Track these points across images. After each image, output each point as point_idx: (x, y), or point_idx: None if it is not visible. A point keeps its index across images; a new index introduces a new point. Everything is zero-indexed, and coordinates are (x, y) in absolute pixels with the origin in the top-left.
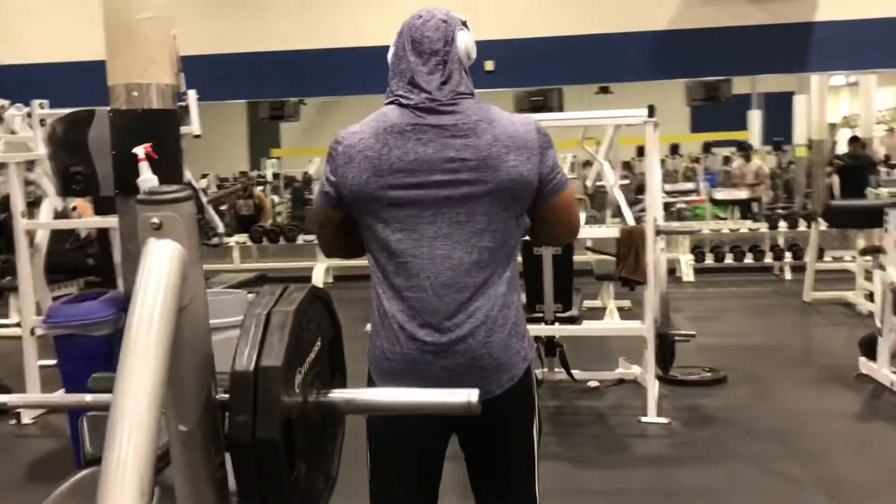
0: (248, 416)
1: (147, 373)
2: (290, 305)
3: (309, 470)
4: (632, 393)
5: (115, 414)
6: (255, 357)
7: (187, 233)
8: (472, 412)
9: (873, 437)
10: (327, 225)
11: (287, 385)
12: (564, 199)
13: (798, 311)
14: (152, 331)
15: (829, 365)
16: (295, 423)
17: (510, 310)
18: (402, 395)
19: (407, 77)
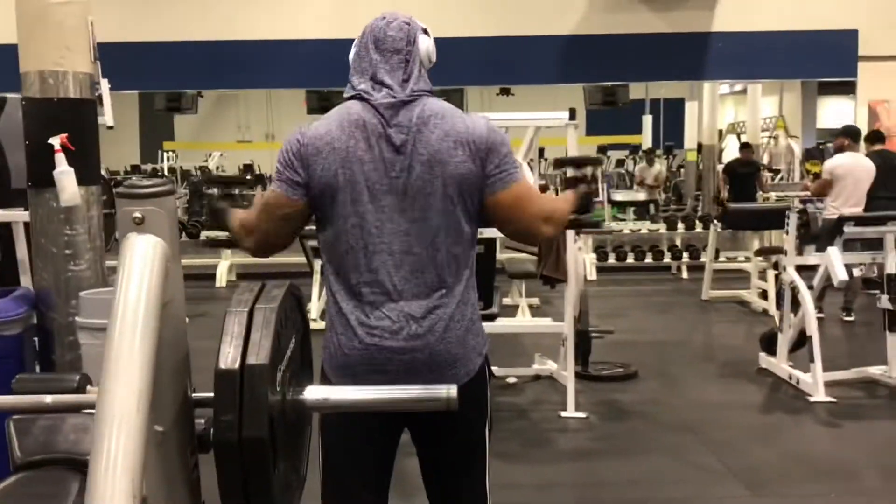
0: (233, 414)
1: (134, 372)
2: (272, 302)
3: (286, 468)
4: (549, 388)
5: (102, 415)
6: (241, 355)
7: (170, 228)
8: (451, 408)
9: (777, 427)
10: (293, 218)
11: (270, 383)
12: (510, 195)
13: (697, 308)
14: (137, 329)
15: (731, 360)
16: (276, 421)
17: (467, 306)
18: (379, 393)
19: (369, 73)
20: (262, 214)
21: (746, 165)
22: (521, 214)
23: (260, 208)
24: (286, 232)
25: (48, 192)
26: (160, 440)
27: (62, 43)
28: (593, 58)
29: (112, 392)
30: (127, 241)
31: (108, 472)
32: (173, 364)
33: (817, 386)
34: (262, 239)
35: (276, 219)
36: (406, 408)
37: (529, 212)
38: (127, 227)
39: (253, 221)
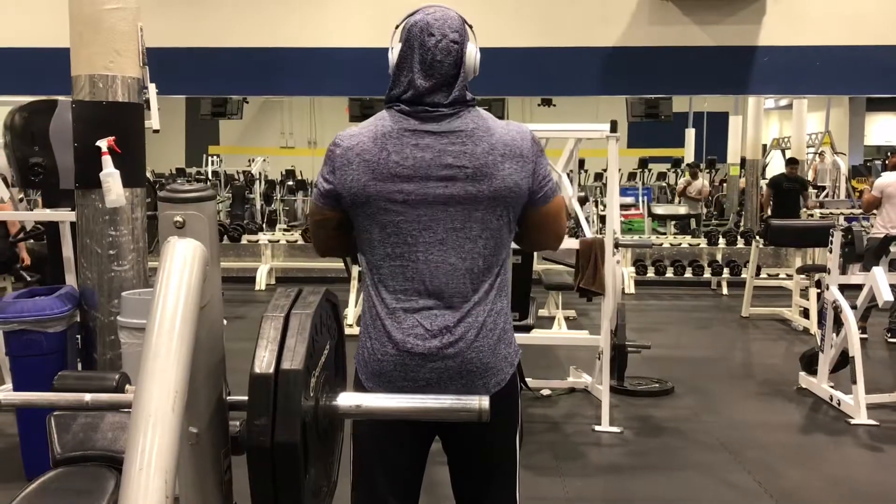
0: (267, 419)
1: (170, 373)
2: (308, 308)
3: (317, 474)
4: (583, 402)
5: (138, 414)
6: (276, 360)
7: (209, 232)
8: (483, 419)
9: (816, 448)
10: (325, 226)
11: (304, 388)
12: (553, 207)
13: (737, 325)
14: (175, 330)
15: (770, 378)
16: (308, 426)
17: (500, 316)
18: (412, 401)
19: (411, 93)
20: (309, 219)
21: (792, 181)
22: (557, 225)
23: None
24: (328, 236)
25: (94, 194)
26: (194, 441)
27: (112, 47)
28: (636, 70)
29: (148, 392)
30: (168, 244)
31: (142, 471)
32: (209, 366)
33: (859, 408)
34: (315, 242)
35: (315, 225)
36: (438, 417)
37: (562, 222)
38: (168, 230)
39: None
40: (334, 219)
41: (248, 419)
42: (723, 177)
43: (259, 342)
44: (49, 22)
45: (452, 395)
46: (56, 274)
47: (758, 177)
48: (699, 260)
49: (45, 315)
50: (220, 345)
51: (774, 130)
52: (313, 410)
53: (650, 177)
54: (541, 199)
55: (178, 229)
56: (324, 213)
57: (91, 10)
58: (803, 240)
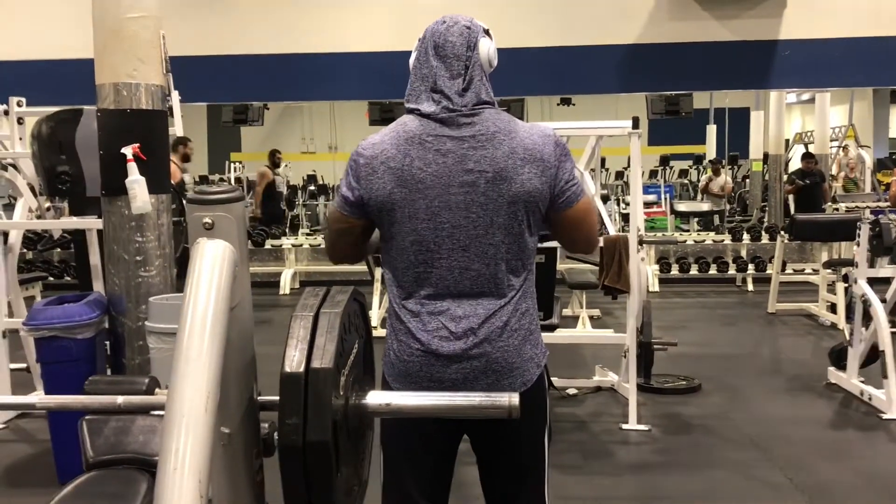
0: (298, 418)
1: (202, 373)
2: (337, 307)
3: (348, 473)
4: (609, 400)
5: (171, 415)
6: (306, 359)
7: (238, 233)
8: (513, 415)
9: (848, 444)
10: (347, 233)
11: (334, 387)
12: (577, 211)
13: (763, 321)
14: (206, 331)
15: (798, 374)
16: (339, 425)
17: (525, 316)
18: (441, 399)
19: (430, 82)
20: (327, 227)
21: (811, 176)
22: (588, 227)
23: (327, 221)
24: (347, 244)
25: (120, 201)
26: (226, 441)
27: (135, 56)
28: (656, 67)
29: (181, 393)
30: (197, 245)
31: (176, 472)
32: (240, 366)
33: (891, 403)
34: (331, 249)
35: (335, 233)
36: (468, 415)
37: (592, 223)
38: (197, 232)
39: (325, 232)
40: (359, 227)
41: (280, 418)
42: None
43: (289, 341)
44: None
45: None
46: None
47: (780, 172)
48: (723, 256)
49: (75, 322)
50: (250, 345)
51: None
52: (343, 409)
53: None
54: (564, 202)
55: (207, 231)
56: (349, 221)
57: (114, 20)
58: (829, 234)
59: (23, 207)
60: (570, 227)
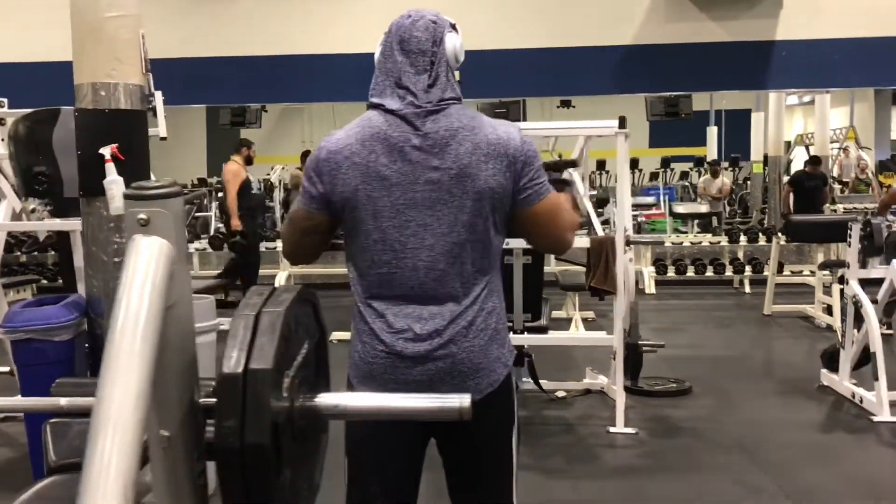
0: (236, 420)
1: (133, 374)
2: (280, 306)
3: (293, 477)
4: (598, 403)
5: (98, 417)
6: (245, 359)
7: (175, 230)
8: (463, 418)
9: (836, 447)
10: (312, 231)
11: (276, 388)
12: (543, 208)
13: (759, 323)
14: (138, 330)
15: (791, 377)
16: (282, 428)
17: (491, 316)
18: (392, 401)
19: (394, 77)
20: (289, 226)
21: (813, 178)
22: (554, 227)
23: (288, 220)
24: (310, 243)
25: (99, 201)
26: (166, 444)
27: (113, 55)
28: (653, 68)
29: (109, 394)
30: (132, 242)
31: (100, 476)
32: (180, 367)
33: (882, 405)
34: (290, 249)
35: (299, 231)
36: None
37: (560, 223)
38: (133, 228)
39: (284, 231)
40: (325, 224)
41: (217, 421)
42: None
43: (228, 342)
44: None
45: None
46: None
47: (780, 174)
48: (720, 258)
49: (52, 324)
50: (191, 346)
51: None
52: (288, 411)
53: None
54: (526, 199)
55: (143, 227)
56: (315, 218)
57: (92, 19)
58: (823, 235)
59: (6, 209)
60: (535, 224)
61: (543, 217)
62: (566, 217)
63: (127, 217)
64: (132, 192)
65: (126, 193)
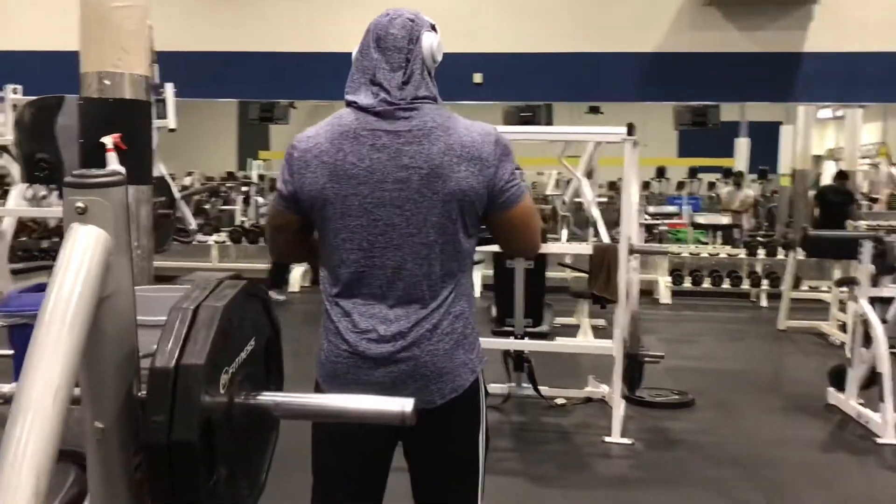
0: (165, 415)
1: (56, 364)
2: (220, 301)
3: (231, 475)
4: (599, 412)
5: (17, 406)
6: (177, 354)
7: (115, 220)
8: (406, 422)
9: (836, 468)
10: (284, 230)
11: (210, 385)
12: (518, 212)
13: (771, 338)
14: (66, 320)
15: (798, 393)
16: (217, 425)
17: (458, 320)
18: (336, 402)
19: (369, 74)
20: (267, 224)
21: (840, 194)
22: (527, 231)
23: (267, 218)
24: (282, 241)
25: None
26: (101, 437)
27: (119, 45)
28: (677, 76)
29: (30, 385)
30: (68, 231)
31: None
32: (117, 360)
33: (887, 427)
34: (271, 246)
35: (273, 229)
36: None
37: (534, 227)
38: (70, 217)
39: (265, 229)
40: (295, 223)
41: (146, 416)
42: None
43: (162, 335)
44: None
45: None
46: None
47: (806, 188)
48: (738, 271)
49: None
50: (130, 338)
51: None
52: (225, 408)
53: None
54: (502, 204)
55: (80, 216)
56: (285, 216)
57: (99, 9)
58: (838, 251)
59: (17, 195)
60: (509, 229)
61: (518, 221)
62: (538, 221)
63: (65, 205)
64: (72, 180)
65: (66, 181)
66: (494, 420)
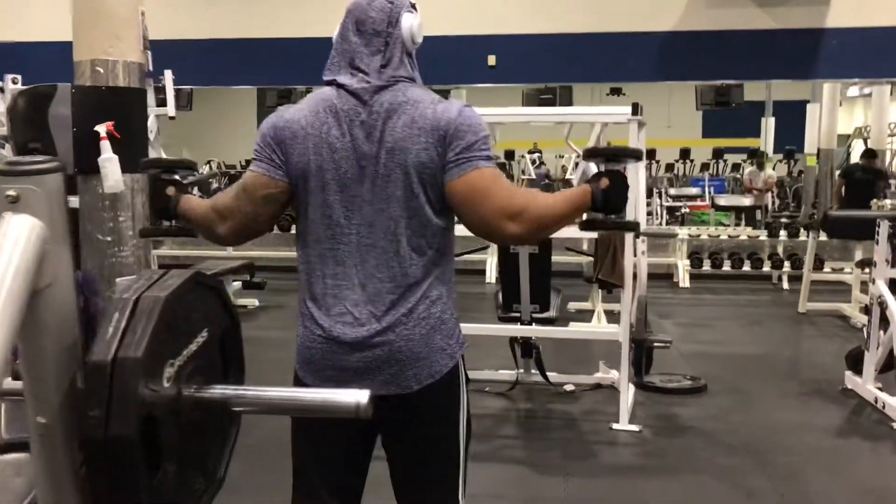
0: (101, 410)
1: None
2: (163, 291)
3: (182, 471)
4: (608, 399)
5: None
6: (115, 346)
7: (50, 208)
8: (360, 415)
9: (850, 454)
10: (274, 200)
11: (151, 378)
12: (466, 183)
13: (791, 321)
14: None
15: (815, 378)
16: (161, 419)
17: (436, 305)
18: (291, 395)
19: (348, 58)
20: (241, 196)
21: (867, 172)
22: (478, 207)
23: (238, 191)
24: (267, 214)
25: (95, 179)
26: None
27: (112, 32)
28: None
29: None
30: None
31: None
32: (57, 352)
33: None
34: (241, 224)
35: (257, 200)
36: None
37: (487, 205)
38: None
39: (230, 205)
40: (287, 192)
41: (83, 410)
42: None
43: (100, 327)
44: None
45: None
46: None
47: (832, 167)
48: (760, 253)
49: None
50: (70, 330)
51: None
52: (171, 402)
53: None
54: (452, 171)
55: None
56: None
57: None
58: (860, 231)
59: None
60: (459, 203)
61: (465, 195)
62: (502, 201)
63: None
64: (3, 168)
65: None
66: (500, 407)
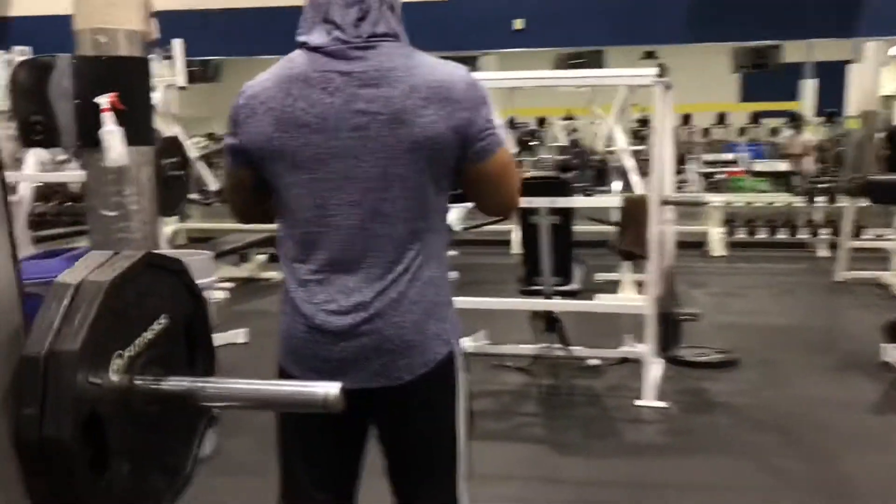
0: (35, 408)
1: None
2: (107, 275)
3: (136, 469)
4: (634, 373)
5: None
6: (51, 338)
7: None
8: (330, 409)
9: (886, 433)
10: (239, 189)
11: (95, 371)
12: (493, 165)
13: (828, 290)
14: None
15: (852, 350)
16: (108, 416)
17: (428, 287)
18: (256, 387)
19: (322, 11)
20: (223, 184)
21: None
22: (506, 186)
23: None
24: (242, 201)
25: (99, 153)
26: None
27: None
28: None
29: None
30: None
31: None
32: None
33: None
34: (231, 208)
35: (230, 190)
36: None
37: (513, 181)
38: None
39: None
40: (249, 180)
41: (16, 408)
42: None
43: (37, 317)
44: None
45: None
46: None
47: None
48: (795, 220)
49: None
50: (11, 317)
51: None
52: (121, 396)
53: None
54: (475, 154)
55: None
56: (237, 174)
57: None
58: None
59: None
60: (481, 184)
61: (493, 176)
62: (515, 176)
63: None
64: None
65: None
66: (520, 383)
